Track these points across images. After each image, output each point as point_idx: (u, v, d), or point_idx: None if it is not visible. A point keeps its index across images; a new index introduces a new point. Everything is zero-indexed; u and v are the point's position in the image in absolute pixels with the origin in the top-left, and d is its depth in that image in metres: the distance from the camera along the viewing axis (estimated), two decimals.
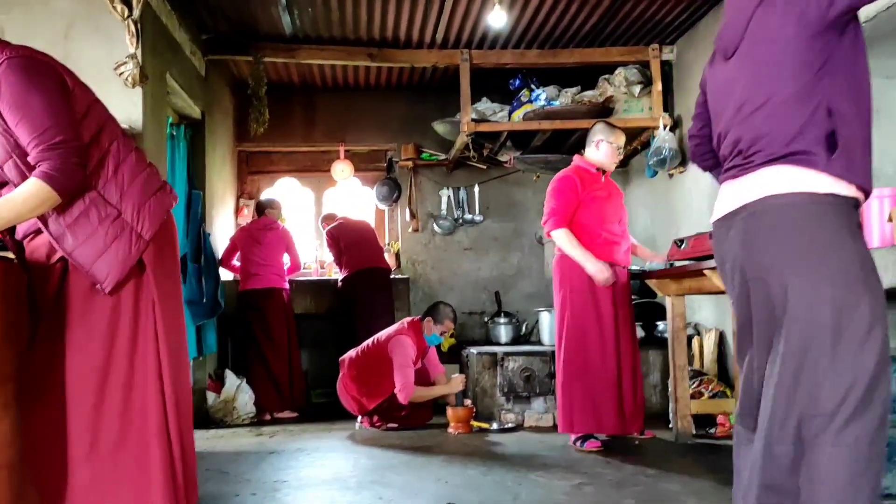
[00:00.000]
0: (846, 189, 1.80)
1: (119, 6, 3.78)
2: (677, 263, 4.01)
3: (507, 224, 7.15)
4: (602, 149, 4.19)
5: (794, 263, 1.79)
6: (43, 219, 2.08)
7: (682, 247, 4.02)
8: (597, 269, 3.90)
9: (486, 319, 6.67)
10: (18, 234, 2.18)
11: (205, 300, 5.10)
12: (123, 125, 3.69)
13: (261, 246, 5.64)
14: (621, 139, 4.24)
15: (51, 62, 2.11)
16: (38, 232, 2.12)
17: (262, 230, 5.69)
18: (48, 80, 2.03)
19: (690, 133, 2.31)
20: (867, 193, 1.86)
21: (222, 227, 6.21)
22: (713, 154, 2.18)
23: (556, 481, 3.21)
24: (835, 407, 1.68)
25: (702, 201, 5.33)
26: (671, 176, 5.84)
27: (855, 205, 1.83)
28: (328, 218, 6.36)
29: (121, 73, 3.75)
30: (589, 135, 4.33)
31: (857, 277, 1.74)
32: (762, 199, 1.84)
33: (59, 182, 1.98)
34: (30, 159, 2.02)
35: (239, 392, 5.41)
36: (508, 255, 7.14)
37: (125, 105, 3.86)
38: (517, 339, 6.42)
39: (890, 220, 2.48)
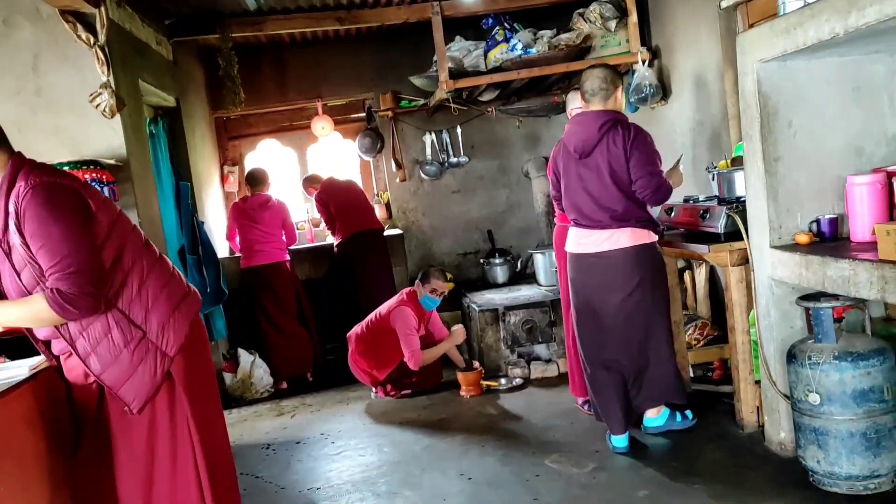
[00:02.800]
0: None
1: (84, 34, 3.68)
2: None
3: (492, 162, 7.17)
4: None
5: None
6: (71, 340, 2.17)
7: (672, 214, 4.12)
8: None
9: (481, 260, 6.81)
10: (55, 350, 2.26)
11: (208, 290, 5.19)
12: (107, 158, 3.70)
13: (259, 224, 5.69)
14: None
15: (74, 186, 2.12)
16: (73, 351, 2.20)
17: (258, 210, 5.72)
18: (69, 208, 2.07)
19: None
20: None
21: (213, 208, 6.23)
22: None
23: (572, 468, 3.45)
24: None
25: (685, 134, 5.36)
26: (653, 108, 5.83)
27: None
28: (311, 180, 6.32)
29: (97, 105, 3.69)
30: (566, 105, 4.36)
31: None
32: None
33: (62, 308, 2.06)
34: (47, 285, 2.09)
35: (254, 368, 5.61)
36: (497, 192, 7.20)
37: (106, 133, 3.84)
38: (514, 278, 6.60)
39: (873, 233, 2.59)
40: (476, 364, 5.15)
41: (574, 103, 4.22)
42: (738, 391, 3.63)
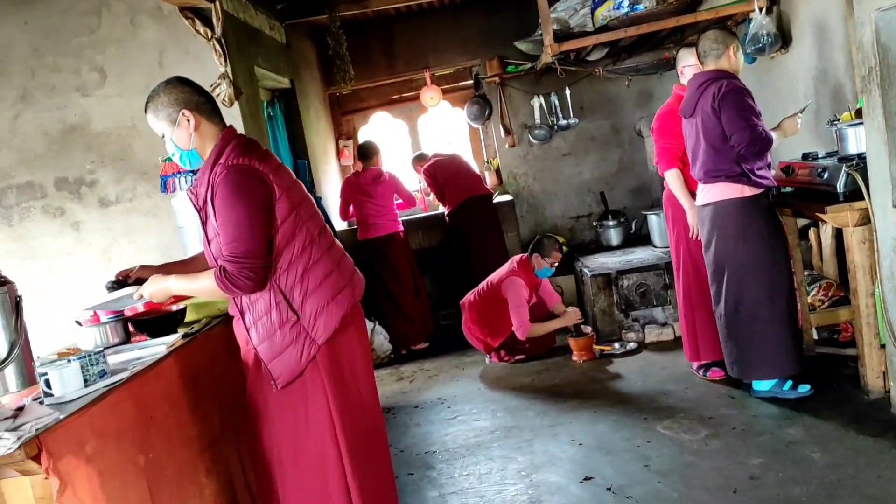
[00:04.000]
0: None
1: (202, 28, 3.91)
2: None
3: (603, 122, 7.05)
4: (688, 74, 4.09)
5: None
6: (241, 310, 2.39)
7: (790, 172, 3.95)
8: (691, 222, 4.00)
9: (594, 223, 6.75)
10: (230, 311, 2.49)
11: None
12: None
13: (373, 198, 5.88)
14: None
15: (264, 172, 2.27)
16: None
17: (371, 184, 5.90)
18: (251, 194, 2.23)
19: None
20: None
21: (331, 184, 6.49)
22: None
23: (684, 434, 3.44)
24: None
25: (807, 83, 5.07)
26: (772, 58, 5.54)
27: None
28: (419, 158, 6.47)
29: (217, 95, 3.93)
30: (676, 62, 4.24)
31: None
32: None
33: (225, 286, 2.27)
34: (219, 262, 2.31)
35: (374, 335, 5.86)
36: (609, 153, 7.09)
37: (226, 121, 4.06)
38: (628, 240, 6.51)
39: None
40: (588, 329, 5.16)
41: (685, 60, 4.13)
42: (863, 356, 3.48)
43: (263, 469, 2.46)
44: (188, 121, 2.32)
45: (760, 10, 5.18)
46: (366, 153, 6.06)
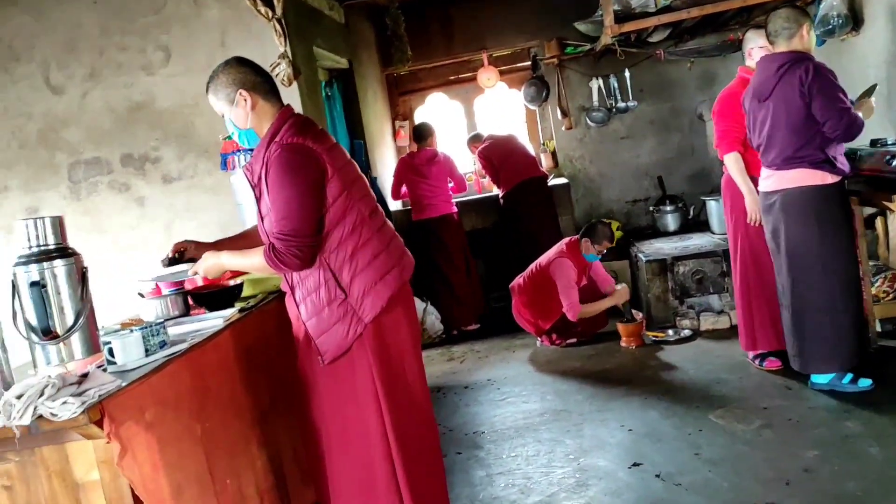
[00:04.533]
0: None
1: (263, 8, 3.96)
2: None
3: (663, 105, 6.91)
4: (756, 56, 3.97)
5: None
6: (291, 286, 2.45)
7: (857, 159, 3.82)
8: (750, 208, 3.88)
9: (651, 207, 6.65)
10: (282, 287, 2.55)
11: None
12: None
13: (427, 179, 5.90)
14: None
15: (317, 151, 2.30)
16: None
17: (426, 164, 5.92)
18: (304, 173, 2.27)
19: None
20: None
21: (387, 165, 6.54)
22: None
23: (737, 424, 3.39)
24: None
25: (878, 67, 4.88)
26: (842, 41, 5.34)
27: None
28: (475, 139, 6.46)
29: (276, 75, 3.98)
30: (742, 43, 4.11)
31: None
32: None
33: (274, 263, 2.33)
34: (269, 239, 2.37)
35: (426, 315, 5.91)
36: (668, 137, 6.96)
37: (285, 100, 4.11)
38: (685, 226, 6.39)
39: None
40: (638, 315, 5.10)
41: (754, 42, 4.00)
42: None
43: (313, 443, 2.52)
44: (245, 100, 2.36)
45: None
46: (421, 134, 6.08)
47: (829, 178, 3.45)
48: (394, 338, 2.44)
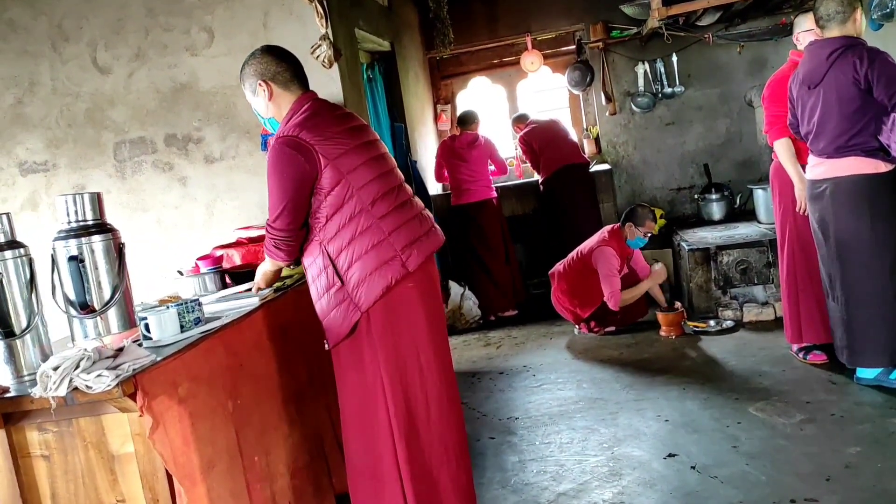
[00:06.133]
0: None
1: None
2: None
3: (711, 91, 6.75)
4: (804, 40, 3.84)
5: None
6: (306, 269, 2.49)
7: None
8: (799, 196, 3.77)
9: (696, 196, 6.51)
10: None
11: None
12: None
13: (467, 163, 5.88)
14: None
15: (309, 143, 2.29)
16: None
17: (466, 148, 5.89)
18: (289, 167, 2.30)
19: None
20: None
21: (428, 148, 6.51)
22: None
23: (777, 417, 3.31)
24: None
25: None
26: None
27: None
28: (520, 119, 6.40)
29: (317, 57, 3.99)
30: (793, 28, 3.98)
31: None
32: None
33: (266, 249, 2.47)
34: None
35: (464, 300, 5.90)
36: (715, 123, 6.80)
37: (324, 82, 4.11)
38: (731, 215, 6.25)
39: None
40: (678, 304, 5.01)
41: (803, 25, 3.88)
42: None
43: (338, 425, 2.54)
44: (264, 91, 2.42)
45: None
46: (464, 119, 6.04)
47: (882, 167, 3.33)
48: (408, 326, 2.40)
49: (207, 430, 2.06)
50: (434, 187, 6.44)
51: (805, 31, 3.84)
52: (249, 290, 2.75)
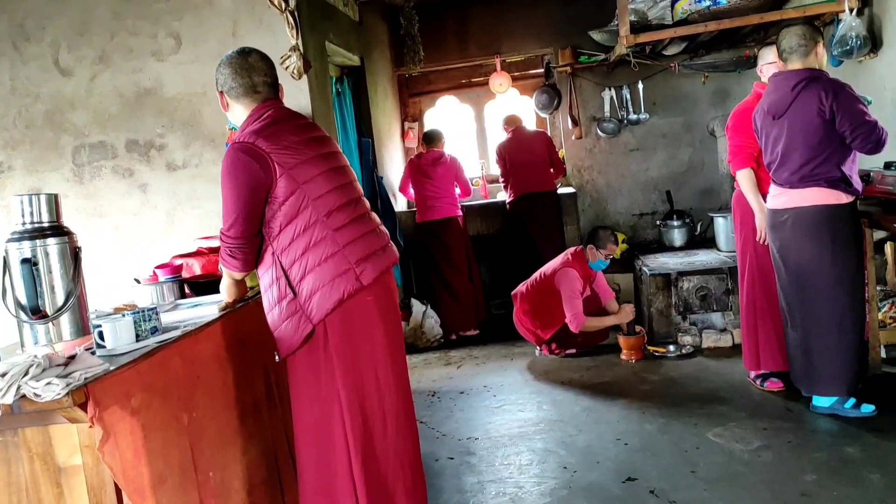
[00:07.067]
0: None
1: (277, 0, 3.93)
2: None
3: (675, 119, 6.86)
4: (768, 72, 3.93)
5: None
6: (260, 279, 2.44)
7: (870, 181, 3.77)
8: (759, 226, 3.84)
9: (658, 222, 6.59)
10: None
11: None
12: None
13: (432, 180, 5.87)
14: None
15: (264, 152, 2.26)
16: None
17: (432, 165, 5.89)
18: (243, 175, 2.26)
19: None
20: None
21: (395, 164, 6.49)
22: None
23: (735, 443, 3.33)
24: None
25: None
26: (860, 62, 5.29)
27: None
28: (508, 122, 6.32)
29: (286, 67, 3.95)
30: (757, 60, 4.08)
31: None
32: None
33: (221, 257, 2.43)
34: None
35: (425, 318, 5.87)
36: (678, 151, 6.91)
37: (293, 94, 4.08)
38: (692, 242, 6.34)
39: None
40: (639, 329, 5.05)
41: (767, 58, 3.97)
42: None
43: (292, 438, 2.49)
44: (221, 100, 2.46)
45: (851, 10, 4.95)
46: (429, 138, 6.06)
47: (843, 198, 3.40)
48: (366, 339, 2.38)
49: (160, 444, 1.99)
50: (400, 203, 6.41)
51: (769, 63, 3.93)
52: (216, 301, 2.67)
